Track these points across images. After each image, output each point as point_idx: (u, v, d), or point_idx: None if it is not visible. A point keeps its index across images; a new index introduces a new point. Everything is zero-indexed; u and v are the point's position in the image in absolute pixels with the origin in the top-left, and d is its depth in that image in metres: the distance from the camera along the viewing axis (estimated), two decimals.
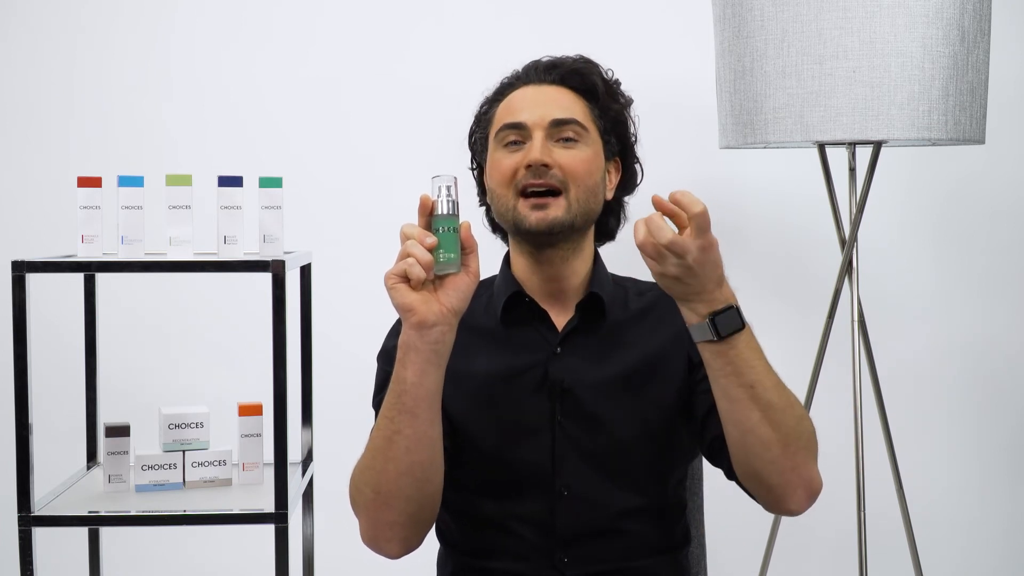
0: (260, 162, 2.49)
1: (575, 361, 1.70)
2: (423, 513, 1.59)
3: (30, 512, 1.94)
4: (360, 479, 1.59)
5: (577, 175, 1.67)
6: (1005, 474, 2.93)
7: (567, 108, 1.70)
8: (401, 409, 1.52)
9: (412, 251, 1.46)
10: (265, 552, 2.03)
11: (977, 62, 2.20)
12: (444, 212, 1.49)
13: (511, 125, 1.70)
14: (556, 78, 1.73)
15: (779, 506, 1.60)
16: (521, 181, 1.67)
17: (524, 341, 1.71)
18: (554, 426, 1.68)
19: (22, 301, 1.93)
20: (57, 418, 2.54)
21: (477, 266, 1.52)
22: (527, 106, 1.70)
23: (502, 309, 1.72)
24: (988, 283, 2.92)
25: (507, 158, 1.69)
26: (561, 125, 1.68)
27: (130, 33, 2.81)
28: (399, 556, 1.62)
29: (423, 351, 1.50)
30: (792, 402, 1.56)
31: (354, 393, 2.78)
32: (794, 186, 2.83)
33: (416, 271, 1.46)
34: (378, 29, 2.83)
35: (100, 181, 2.03)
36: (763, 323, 2.83)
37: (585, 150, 1.69)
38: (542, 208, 1.66)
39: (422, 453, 1.54)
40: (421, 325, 1.48)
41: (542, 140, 1.67)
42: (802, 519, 2.81)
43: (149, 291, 2.80)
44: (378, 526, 1.58)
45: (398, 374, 1.52)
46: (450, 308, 1.50)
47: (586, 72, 1.74)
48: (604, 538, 1.68)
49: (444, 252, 1.49)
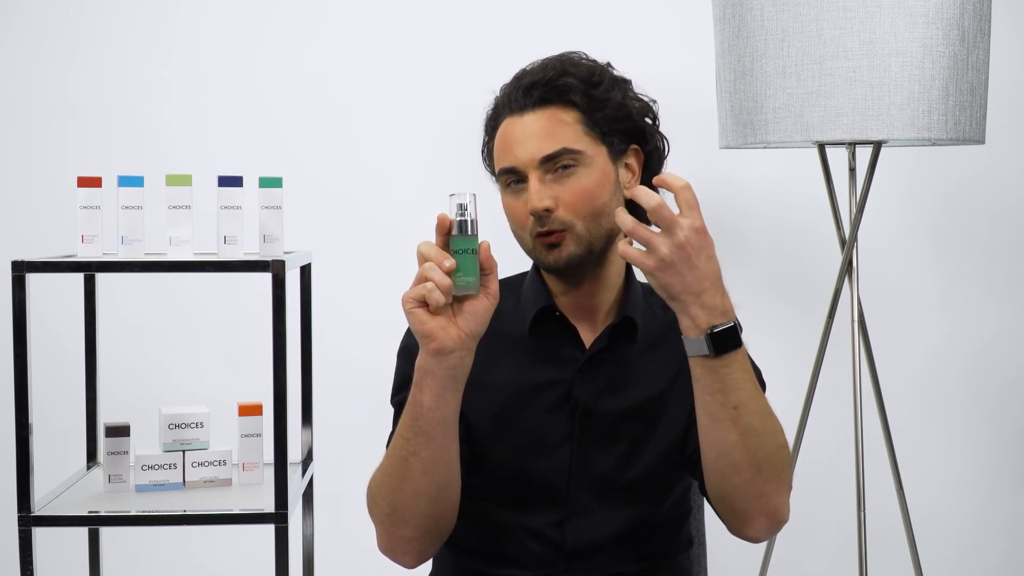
0: (260, 162, 2.49)
1: (599, 382, 1.67)
2: (438, 529, 1.59)
3: (30, 512, 1.94)
4: (377, 493, 1.58)
5: (578, 208, 1.62)
6: (1005, 474, 2.93)
7: (555, 137, 1.63)
8: (417, 431, 1.51)
9: (431, 275, 1.44)
10: (265, 552, 2.03)
11: (977, 62, 2.20)
12: (462, 233, 1.46)
13: (506, 170, 1.66)
14: (536, 100, 1.65)
15: (740, 531, 1.59)
16: (532, 228, 1.63)
17: (550, 356, 1.68)
18: (572, 444, 1.67)
19: (22, 301, 1.92)
20: (57, 418, 2.54)
21: (496, 288, 1.49)
22: (516, 145, 1.64)
23: (531, 322, 1.69)
24: (988, 283, 2.92)
25: (515, 202, 1.66)
26: (552, 159, 1.62)
27: (130, 33, 2.81)
28: (415, 566, 1.63)
29: (440, 376, 1.48)
30: (774, 430, 1.53)
31: (354, 393, 2.79)
32: (794, 186, 2.83)
33: (435, 297, 1.43)
34: (378, 29, 2.83)
35: (100, 181, 2.03)
36: (763, 323, 2.86)
37: (584, 174, 1.63)
38: (555, 247, 1.63)
39: (438, 474, 1.53)
40: (439, 352, 1.46)
41: (538, 182, 1.62)
42: (802, 519, 2.82)
43: (149, 291, 2.79)
44: (394, 540, 1.59)
45: (415, 397, 1.51)
46: (468, 333, 1.47)
47: (564, 87, 1.65)
48: (610, 550, 1.67)
49: (463, 276, 1.46)
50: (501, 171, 1.67)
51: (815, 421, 2.54)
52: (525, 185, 1.64)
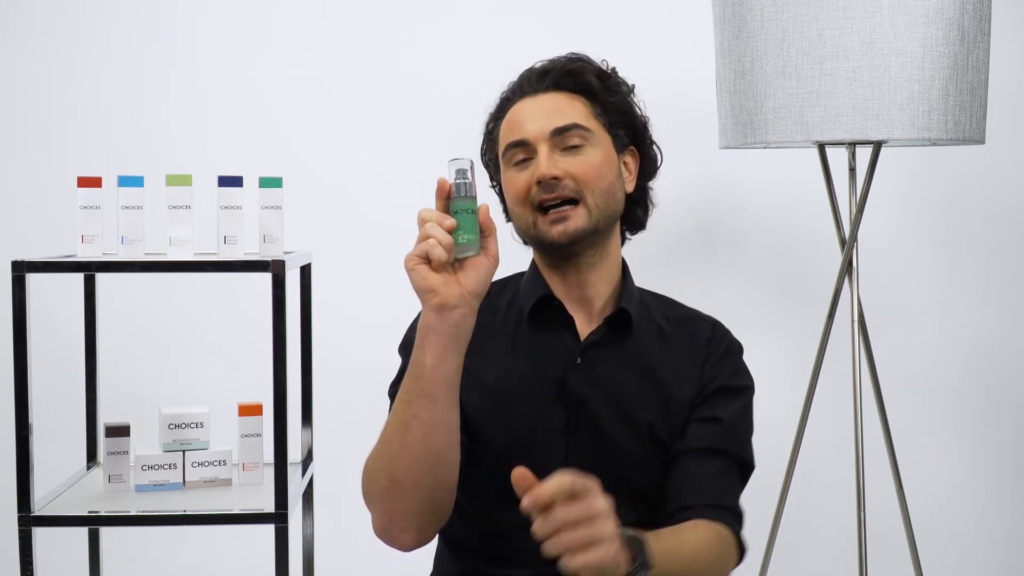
0: (260, 162, 2.49)
1: (594, 374, 1.69)
2: (438, 502, 1.57)
3: (30, 512, 1.94)
4: (374, 467, 1.57)
5: (590, 180, 1.66)
6: (1005, 474, 2.93)
7: (566, 114, 1.68)
8: (419, 393, 1.50)
9: (432, 232, 1.45)
10: (265, 552, 2.03)
11: (977, 62, 2.20)
12: (462, 195, 1.48)
13: (515, 143, 1.69)
14: (550, 84, 1.71)
15: None
16: (535, 197, 1.66)
17: (546, 347, 1.70)
18: (568, 437, 1.67)
19: (22, 301, 1.93)
20: (57, 418, 2.54)
21: (496, 249, 1.51)
22: (526, 120, 1.68)
23: (530, 311, 1.71)
24: (988, 283, 2.92)
25: (518, 177, 1.68)
26: (563, 133, 1.67)
27: (130, 33, 2.81)
28: (413, 548, 1.59)
29: (443, 334, 1.48)
30: (711, 563, 1.58)
31: (354, 393, 2.79)
32: (794, 186, 2.83)
33: (437, 252, 1.45)
34: (378, 29, 2.83)
35: (100, 181, 2.03)
36: (763, 323, 2.86)
37: (593, 152, 1.68)
38: (561, 221, 1.65)
39: (439, 438, 1.52)
40: (442, 307, 1.47)
41: (547, 153, 1.66)
42: (802, 519, 2.81)
43: (149, 291, 2.79)
44: (392, 516, 1.56)
45: (416, 358, 1.50)
46: (471, 290, 1.48)
47: (579, 72, 1.71)
48: None
49: (463, 234, 1.47)
50: (509, 145, 1.69)
51: (815, 421, 2.54)
52: (531, 162, 1.67)
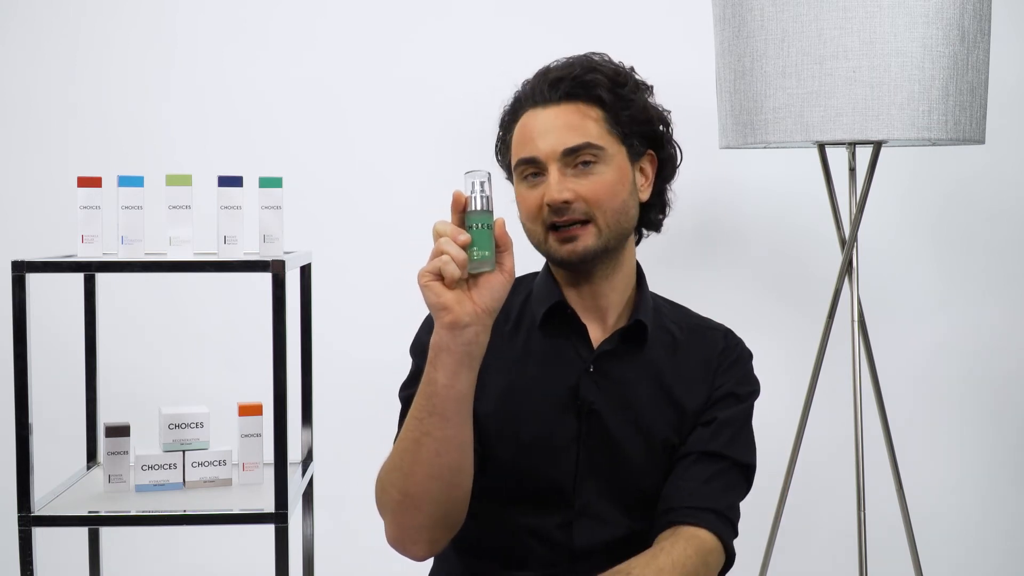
0: (260, 162, 2.49)
1: (606, 383, 1.67)
2: (451, 517, 1.57)
3: (30, 512, 1.94)
4: (387, 480, 1.56)
5: (601, 201, 1.63)
6: (1005, 474, 2.93)
7: (578, 131, 1.63)
8: (431, 411, 1.49)
9: (446, 248, 1.43)
10: (265, 552, 2.03)
11: (977, 62, 2.20)
12: (477, 208, 1.45)
13: (526, 160, 1.65)
14: (562, 94, 1.66)
15: None
16: (547, 218, 1.63)
17: (558, 354, 1.68)
18: (578, 445, 1.67)
19: (22, 301, 1.93)
20: (57, 418, 2.54)
21: (512, 264, 1.48)
22: (538, 136, 1.64)
23: (541, 318, 1.69)
24: (988, 283, 2.92)
25: (530, 194, 1.65)
26: (575, 152, 1.63)
27: (130, 33, 2.81)
28: (425, 558, 1.60)
29: (456, 352, 1.46)
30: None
31: (354, 393, 2.79)
32: (794, 186, 2.83)
33: (451, 269, 1.42)
34: (378, 29, 2.83)
35: (100, 181, 2.03)
36: (763, 323, 2.86)
37: (605, 171, 1.64)
38: (571, 240, 1.63)
39: (451, 456, 1.51)
40: (455, 325, 1.45)
41: (558, 175, 1.62)
42: (802, 519, 2.81)
43: (149, 291, 2.79)
44: (405, 529, 1.56)
45: (429, 375, 1.48)
46: (484, 308, 1.46)
47: (592, 84, 1.66)
48: (616, 551, 1.67)
49: (478, 250, 1.45)
50: (520, 161, 1.67)
51: (815, 421, 2.54)
52: (543, 178, 1.64)
